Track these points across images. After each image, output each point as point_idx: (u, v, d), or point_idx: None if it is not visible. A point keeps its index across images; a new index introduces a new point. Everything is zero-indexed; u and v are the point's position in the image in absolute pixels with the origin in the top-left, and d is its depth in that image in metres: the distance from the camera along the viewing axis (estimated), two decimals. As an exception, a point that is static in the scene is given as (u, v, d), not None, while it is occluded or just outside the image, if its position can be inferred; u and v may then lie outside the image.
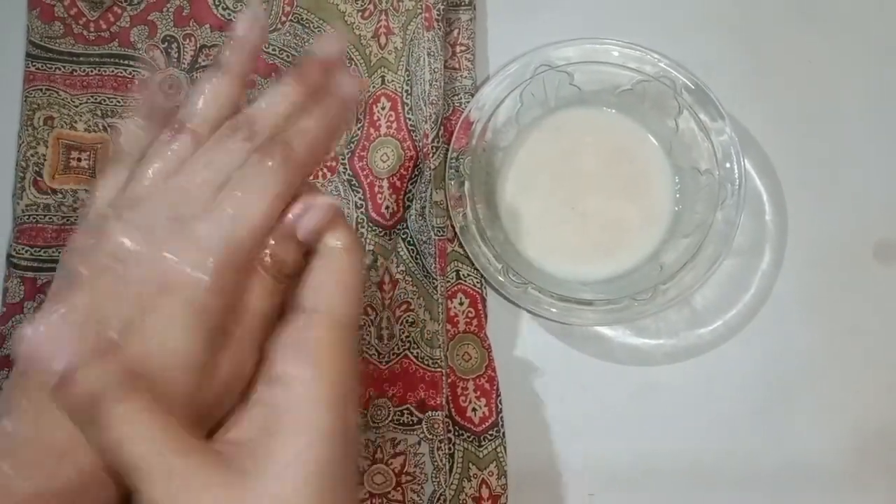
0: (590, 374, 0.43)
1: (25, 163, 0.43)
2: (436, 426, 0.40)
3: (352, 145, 0.43)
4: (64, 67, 0.44)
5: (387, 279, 0.42)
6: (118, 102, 0.44)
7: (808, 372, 0.43)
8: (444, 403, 0.40)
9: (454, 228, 0.42)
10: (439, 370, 0.40)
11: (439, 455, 0.40)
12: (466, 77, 0.44)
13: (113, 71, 0.44)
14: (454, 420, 0.41)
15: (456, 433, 0.40)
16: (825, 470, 0.42)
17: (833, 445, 0.42)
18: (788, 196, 0.44)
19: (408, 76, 0.43)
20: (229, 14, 0.45)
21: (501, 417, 0.41)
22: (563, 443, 0.42)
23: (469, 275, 0.42)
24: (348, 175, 0.43)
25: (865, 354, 0.43)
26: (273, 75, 0.44)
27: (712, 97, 0.42)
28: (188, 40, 0.45)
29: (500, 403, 0.41)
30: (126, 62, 0.44)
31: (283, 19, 0.45)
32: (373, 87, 0.43)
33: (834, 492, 0.41)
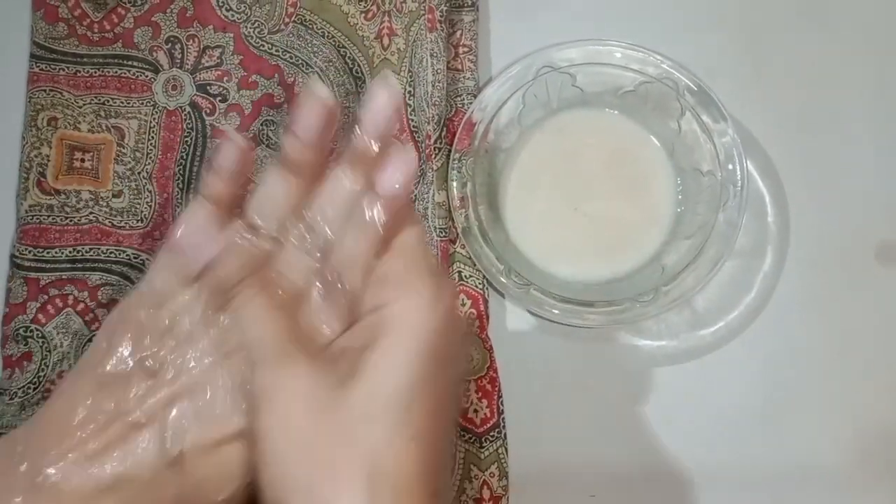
0: (591, 376, 0.43)
1: (29, 163, 0.43)
2: (437, 427, 0.40)
3: (354, 146, 0.43)
4: (68, 68, 0.44)
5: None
6: (122, 103, 0.44)
7: (810, 373, 0.43)
8: (446, 404, 0.40)
9: (456, 229, 0.42)
10: (441, 371, 0.40)
11: (441, 456, 0.40)
12: (469, 78, 0.44)
13: (116, 72, 0.44)
14: (456, 421, 0.41)
15: (457, 434, 0.40)
16: (827, 471, 0.42)
17: (835, 447, 0.42)
18: (790, 198, 0.44)
19: (411, 77, 0.43)
20: (233, 15, 0.45)
21: (503, 419, 0.41)
22: (565, 444, 0.42)
23: (471, 276, 0.42)
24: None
25: (867, 356, 0.43)
26: (276, 77, 0.44)
27: (715, 99, 0.41)
28: (192, 41, 0.45)
29: (502, 405, 0.41)
30: (130, 63, 0.44)
31: (287, 21, 0.45)
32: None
33: (836, 493, 0.41)
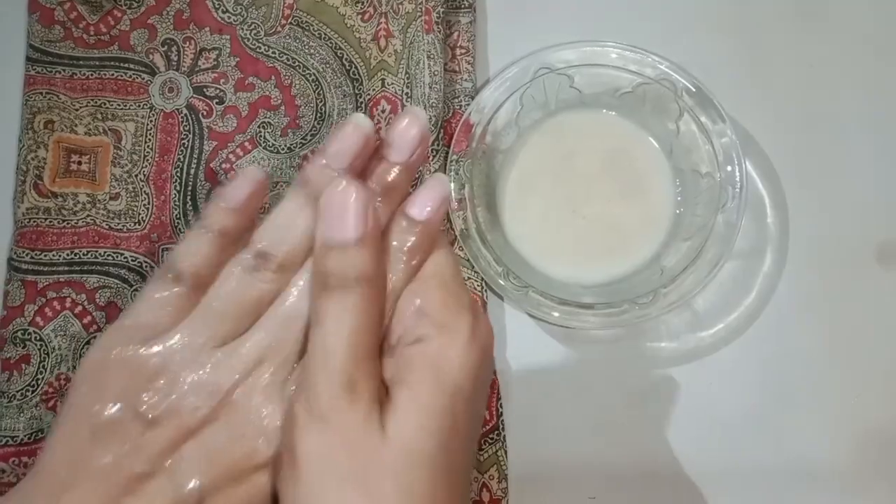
0: (591, 378, 0.42)
1: (26, 166, 0.43)
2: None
3: (352, 148, 0.43)
4: (64, 71, 0.44)
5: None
6: (118, 106, 0.44)
7: (810, 375, 0.42)
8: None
9: (454, 231, 0.42)
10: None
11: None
12: (466, 80, 0.44)
13: (113, 74, 0.44)
14: (455, 424, 0.41)
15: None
16: (826, 473, 0.41)
17: (834, 448, 0.42)
18: (790, 199, 0.44)
19: (408, 79, 0.43)
20: (229, 17, 0.45)
21: (502, 421, 0.41)
22: (564, 446, 0.42)
23: (470, 278, 0.42)
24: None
25: (867, 357, 0.43)
26: (273, 79, 0.44)
27: (713, 100, 0.41)
28: (188, 43, 0.45)
29: (501, 407, 0.41)
30: (126, 65, 0.44)
31: (283, 22, 0.45)
32: (372, 91, 0.43)
33: (835, 494, 0.41)
